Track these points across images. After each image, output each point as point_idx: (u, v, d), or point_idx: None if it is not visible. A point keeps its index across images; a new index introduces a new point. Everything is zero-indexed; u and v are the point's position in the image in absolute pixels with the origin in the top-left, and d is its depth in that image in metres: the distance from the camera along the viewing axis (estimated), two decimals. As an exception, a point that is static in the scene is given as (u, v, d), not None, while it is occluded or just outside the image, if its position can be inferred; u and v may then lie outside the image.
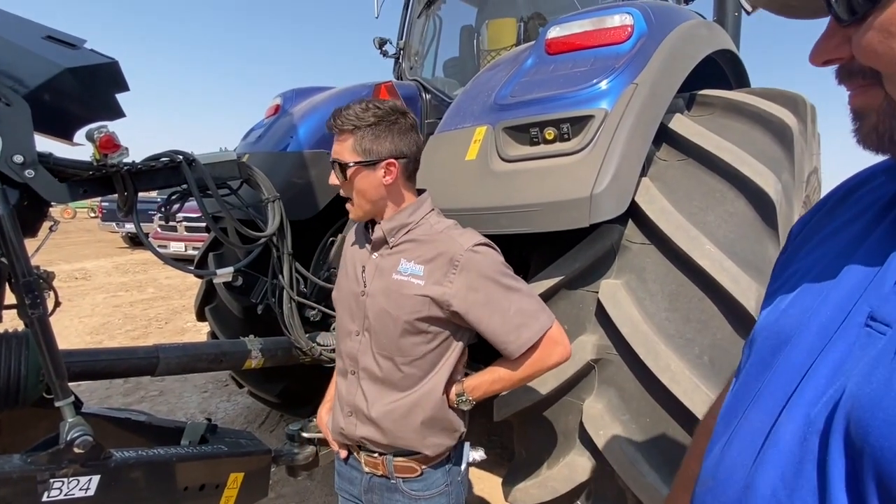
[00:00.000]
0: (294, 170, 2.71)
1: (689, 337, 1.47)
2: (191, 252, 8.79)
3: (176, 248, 9.29)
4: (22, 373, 1.47)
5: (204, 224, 8.23)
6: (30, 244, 1.44)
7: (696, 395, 1.37)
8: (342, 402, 1.24)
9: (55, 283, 1.53)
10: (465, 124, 1.86)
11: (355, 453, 1.27)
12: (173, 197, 1.88)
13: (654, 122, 1.70)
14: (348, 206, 1.20)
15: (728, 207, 1.61)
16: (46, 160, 1.51)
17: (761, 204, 1.58)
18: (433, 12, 3.73)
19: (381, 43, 3.79)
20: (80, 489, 1.38)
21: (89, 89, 1.66)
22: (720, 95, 2.00)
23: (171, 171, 1.78)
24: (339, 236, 2.35)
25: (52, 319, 1.42)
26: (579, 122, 1.63)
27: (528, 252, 1.89)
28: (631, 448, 1.46)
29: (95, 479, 1.40)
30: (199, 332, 5.21)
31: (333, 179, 1.16)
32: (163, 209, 1.86)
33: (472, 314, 1.11)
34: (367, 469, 1.23)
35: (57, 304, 1.53)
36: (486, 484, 2.85)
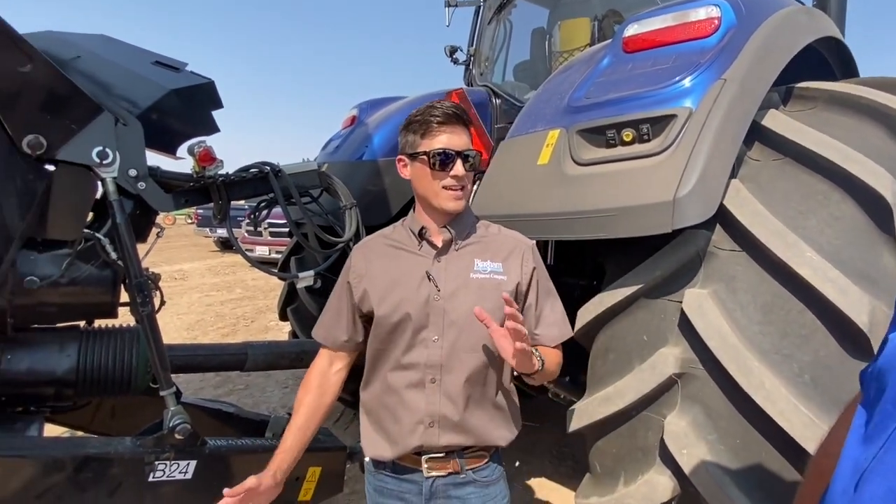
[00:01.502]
0: (369, 178, 2.81)
1: (787, 353, 1.34)
2: (274, 256, 9.37)
3: (261, 251, 9.96)
4: (133, 364, 1.64)
5: (286, 230, 8.77)
6: (139, 249, 1.60)
7: (796, 417, 1.25)
8: (416, 416, 1.18)
9: (159, 284, 1.68)
10: (538, 128, 1.83)
11: (409, 463, 1.22)
12: (261, 205, 2.01)
13: (746, 119, 1.58)
14: (457, 197, 1.19)
15: (833, 211, 1.46)
16: (155, 173, 1.67)
17: (875, 207, 1.41)
18: (504, 17, 3.72)
19: (452, 51, 3.84)
20: (180, 472, 1.52)
21: (190, 108, 1.84)
22: (822, 87, 1.82)
23: (259, 181, 1.91)
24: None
25: (156, 316, 1.58)
26: (660, 123, 1.55)
27: (602, 259, 1.83)
28: (718, 470, 1.36)
29: (193, 463, 1.53)
30: (282, 330, 5.54)
31: (461, 170, 1.17)
32: (252, 216, 2.00)
33: (539, 301, 1.25)
34: (431, 473, 1.20)
35: (162, 302, 1.69)
36: (556, 496, 2.78)
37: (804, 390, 1.29)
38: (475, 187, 2.23)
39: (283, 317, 3.30)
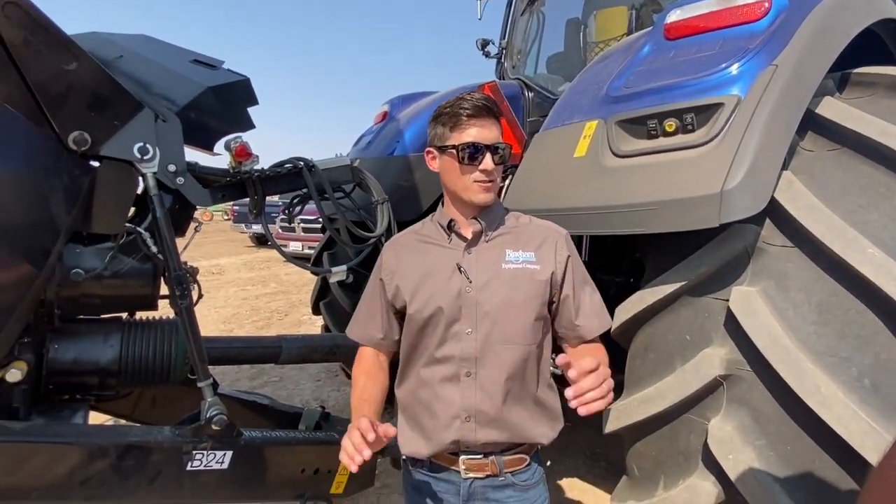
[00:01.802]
0: (400, 173, 2.81)
1: (845, 355, 1.25)
2: (307, 251, 9.54)
3: (294, 247, 10.16)
4: (172, 355, 1.68)
5: (318, 226, 8.91)
6: (178, 243, 1.63)
7: (854, 424, 1.17)
8: (451, 410, 1.16)
9: (198, 277, 1.72)
10: (574, 119, 1.77)
11: (446, 462, 1.20)
12: (295, 200, 2.03)
13: (799, 107, 1.48)
14: (486, 189, 1.16)
15: (897, 204, 1.35)
16: (193, 168, 1.71)
17: (946, 200, 1.31)
18: (536, 8, 3.65)
19: (484, 44, 3.80)
20: (216, 462, 1.54)
21: (226, 104, 1.86)
22: (884, 73, 1.70)
23: (293, 176, 1.93)
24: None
25: (194, 309, 1.61)
26: (706, 112, 1.47)
27: (641, 255, 1.76)
28: (768, 478, 1.29)
29: (229, 454, 1.56)
30: (314, 324, 5.63)
31: (490, 164, 1.14)
32: (287, 210, 2.03)
33: (576, 291, 1.21)
34: (468, 475, 1.18)
35: (200, 295, 1.72)
36: (590, 497, 2.72)
37: (863, 395, 1.21)
38: (507, 181, 2.19)
39: (315, 311, 3.34)
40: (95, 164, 1.46)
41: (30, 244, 1.28)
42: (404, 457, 1.28)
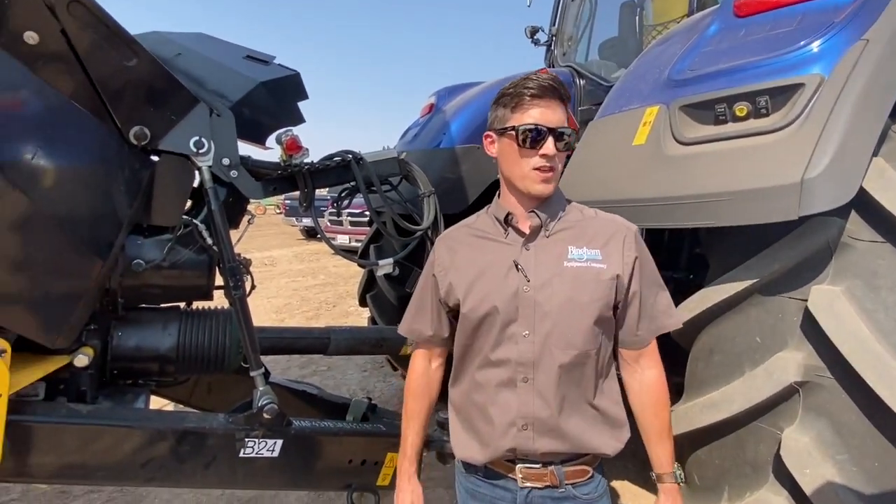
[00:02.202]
0: (446, 165, 2.77)
1: (946, 364, 1.12)
2: (354, 244, 9.73)
3: (342, 240, 10.38)
4: (226, 344, 1.72)
5: (365, 219, 9.07)
6: (231, 235, 1.67)
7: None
8: (508, 417, 1.10)
9: (251, 269, 1.75)
10: (632, 105, 1.67)
11: (502, 469, 1.14)
12: (343, 193, 2.04)
13: (892, 87, 1.33)
14: (545, 179, 1.08)
15: None
16: (245, 162, 1.73)
17: None
18: (589, -8, 3.51)
19: (533, 32, 3.70)
20: (267, 450, 1.57)
21: (277, 99, 1.89)
22: None
23: (342, 169, 1.93)
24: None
25: (248, 299, 1.64)
26: (783, 94, 1.35)
27: (705, 249, 1.64)
28: (851, 496, 1.17)
29: (279, 442, 1.58)
30: (361, 315, 5.72)
31: (552, 149, 1.06)
32: (336, 203, 2.04)
33: (644, 292, 1.13)
34: (526, 483, 1.12)
35: (253, 286, 1.76)
36: (642, 503, 2.61)
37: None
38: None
39: (362, 303, 3.38)
40: (154, 158, 1.51)
41: (95, 235, 1.34)
42: (458, 460, 1.24)
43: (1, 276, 1.14)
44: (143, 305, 1.68)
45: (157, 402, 1.78)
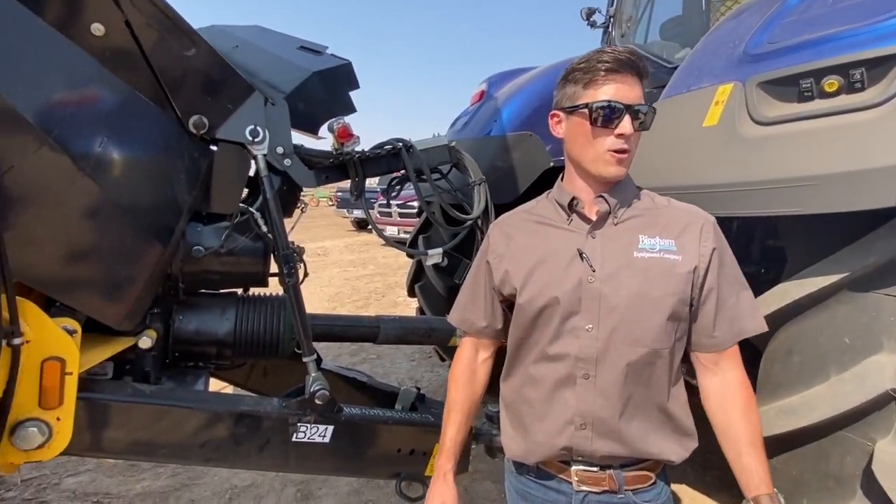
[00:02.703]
0: (497, 153, 2.71)
1: None
2: (402, 235, 9.84)
3: (391, 231, 10.52)
4: (281, 330, 1.75)
5: (413, 210, 9.14)
6: (285, 223, 1.69)
7: None
8: (564, 415, 1.04)
9: (304, 258, 1.77)
10: (702, 84, 1.54)
11: (556, 471, 1.09)
12: (394, 182, 2.03)
13: None
14: (619, 161, 1.01)
15: None
16: (299, 151, 1.75)
17: None
18: (650, -30, 3.31)
19: (589, 13, 3.54)
20: (319, 435, 1.59)
21: (330, 88, 1.90)
22: None
23: (392, 157, 1.92)
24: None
25: (301, 287, 1.66)
26: (882, 65, 1.19)
27: (783, 240, 1.50)
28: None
29: (330, 428, 1.60)
30: (409, 306, 5.77)
31: (628, 128, 0.98)
32: (386, 191, 2.04)
33: (722, 289, 1.03)
34: (581, 487, 1.05)
35: (306, 274, 1.78)
36: (703, 509, 2.47)
37: None
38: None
39: (411, 293, 3.39)
40: (212, 147, 1.55)
41: (158, 222, 1.38)
42: (507, 458, 1.19)
43: (72, 260, 1.20)
44: (203, 291, 1.74)
45: (215, 385, 1.84)
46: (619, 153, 1.00)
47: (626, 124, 0.97)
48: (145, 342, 1.47)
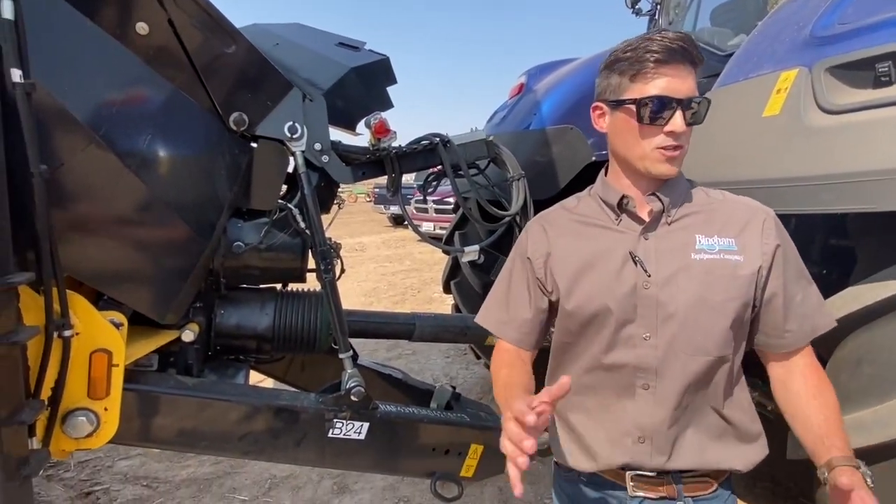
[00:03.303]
0: (536, 148, 2.64)
1: None
2: (438, 231, 9.84)
3: (426, 227, 10.54)
4: (318, 325, 1.77)
5: (449, 206, 9.12)
6: (323, 219, 1.70)
7: None
8: (621, 426, 0.98)
9: (341, 253, 1.78)
10: (762, 71, 1.43)
11: (610, 476, 1.02)
12: (430, 177, 2.01)
13: None
14: (670, 158, 0.93)
15: None
16: (336, 147, 1.75)
17: None
18: (700, -47, 3.14)
19: (635, 1, 3.40)
20: (354, 432, 1.59)
21: (367, 84, 1.89)
22: None
23: (429, 152, 1.89)
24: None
25: (338, 283, 1.67)
26: (974, 45, 1.07)
27: (855, 240, 1.38)
28: None
29: (366, 425, 1.60)
30: (444, 302, 5.76)
31: (680, 124, 0.90)
32: (424, 186, 2.02)
33: (788, 287, 0.96)
34: (637, 493, 0.99)
35: (342, 270, 1.78)
36: (754, 522, 2.34)
37: None
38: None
39: (446, 290, 3.36)
40: (252, 144, 1.56)
41: (201, 218, 1.41)
42: (555, 460, 1.13)
43: (118, 255, 1.23)
44: (243, 286, 1.77)
45: (254, 378, 1.87)
46: (671, 151, 0.92)
47: (678, 121, 0.90)
48: (188, 335, 1.50)
